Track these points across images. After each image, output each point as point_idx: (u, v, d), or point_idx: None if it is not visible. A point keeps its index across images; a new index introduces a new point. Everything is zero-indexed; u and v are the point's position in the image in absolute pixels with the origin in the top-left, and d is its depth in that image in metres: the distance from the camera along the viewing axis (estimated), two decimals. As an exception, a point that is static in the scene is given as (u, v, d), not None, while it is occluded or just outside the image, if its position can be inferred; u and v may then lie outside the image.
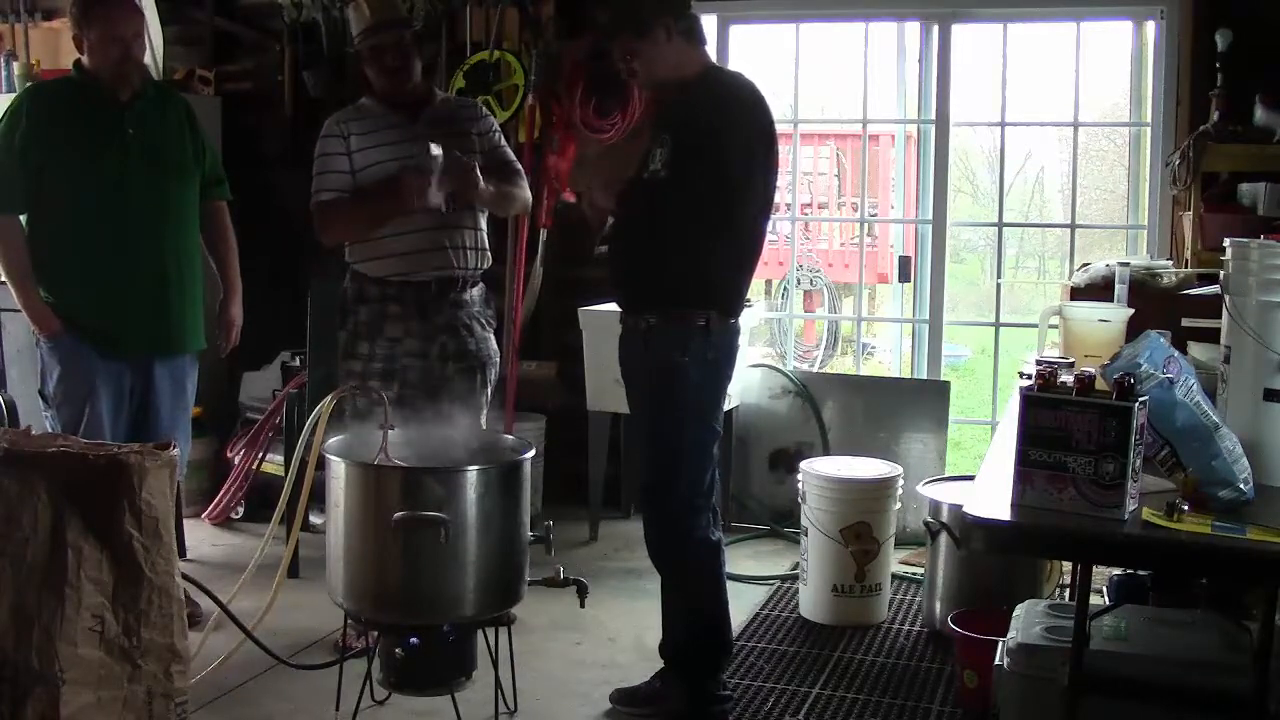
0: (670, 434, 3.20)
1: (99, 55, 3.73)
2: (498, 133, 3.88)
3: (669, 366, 3.16)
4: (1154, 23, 4.98)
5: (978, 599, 3.72)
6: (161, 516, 2.63)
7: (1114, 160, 10.86)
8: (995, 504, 2.10)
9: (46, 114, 3.76)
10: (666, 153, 3.12)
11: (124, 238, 3.76)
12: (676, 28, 3.17)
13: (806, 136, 8.98)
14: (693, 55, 3.23)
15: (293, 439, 4.19)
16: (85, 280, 3.78)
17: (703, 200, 3.08)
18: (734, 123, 3.13)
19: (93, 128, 3.75)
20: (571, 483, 5.18)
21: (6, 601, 2.53)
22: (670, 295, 3.17)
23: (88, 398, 3.75)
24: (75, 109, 3.76)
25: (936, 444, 5.07)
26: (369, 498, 2.94)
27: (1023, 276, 13.06)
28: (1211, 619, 2.64)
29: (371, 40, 3.67)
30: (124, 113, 3.78)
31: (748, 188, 3.15)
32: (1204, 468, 2.11)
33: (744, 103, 3.20)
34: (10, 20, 5.70)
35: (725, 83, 3.26)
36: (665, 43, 3.17)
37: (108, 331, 3.78)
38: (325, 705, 3.25)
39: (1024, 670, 2.55)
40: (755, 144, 3.18)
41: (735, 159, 3.11)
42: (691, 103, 3.18)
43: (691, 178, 3.07)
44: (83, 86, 3.80)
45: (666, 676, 3.38)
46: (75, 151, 3.73)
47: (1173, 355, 2.15)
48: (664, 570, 3.33)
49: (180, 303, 3.89)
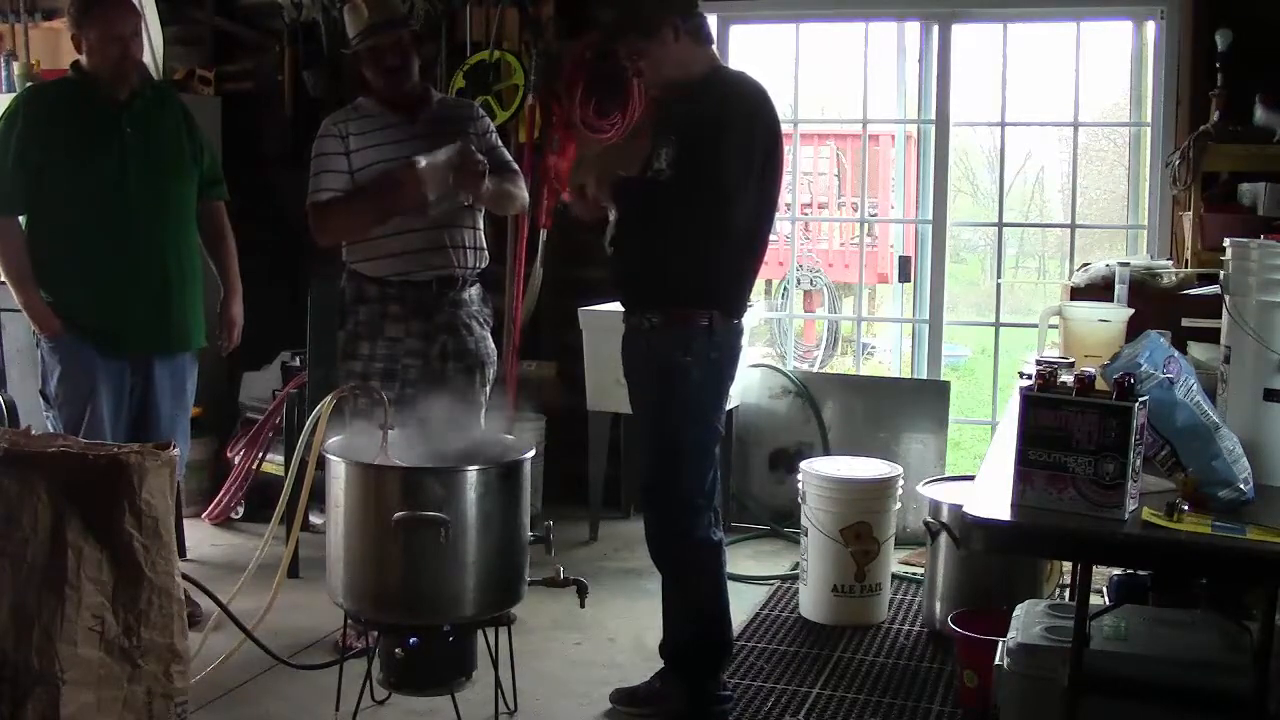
0: (672, 434, 3.20)
1: (97, 55, 3.73)
2: (494, 133, 3.88)
3: (671, 366, 3.16)
4: (1154, 23, 4.98)
5: (978, 599, 3.72)
6: (161, 516, 2.63)
7: (1114, 160, 10.86)
8: (995, 504, 2.10)
9: (45, 114, 3.76)
10: (672, 153, 3.12)
11: (123, 237, 3.76)
12: (684, 27, 3.17)
13: (806, 136, 8.98)
14: (700, 55, 3.22)
15: (293, 439, 4.19)
16: (85, 280, 3.78)
17: (707, 201, 3.07)
18: (740, 124, 3.13)
19: (91, 128, 3.75)
20: (571, 483, 5.18)
21: (6, 601, 2.53)
22: (673, 295, 3.17)
23: (88, 397, 3.75)
24: (73, 109, 3.77)
25: (936, 444, 5.06)
26: (369, 498, 2.94)
27: (1023, 276, 13.06)
28: (1211, 619, 2.63)
29: (370, 41, 3.67)
30: (122, 112, 3.78)
31: (753, 189, 3.14)
32: (1204, 468, 2.11)
33: (751, 104, 3.19)
34: (10, 20, 5.69)
35: (732, 83, 3.25)
36: (673, 43, 3.16)
37: (108, 331, 3.78)
38: (325, 705, 3.25)
39: (1024, 670, 2.55)
40: (761, 145, 3.17)
41: (740, 160, 3.10)
42: (698, 103, 3.17)
43: (696, 178, 3.07)
44: (81, 87, 3.80)
45: (666, 676, 3.38)
46: (73, 151, 3.73)
47: (1173, 355, 2.15)
48: (665, 570, 3.33)
49: (180, 302, 3.89)
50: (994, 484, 2.22)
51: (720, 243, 3.15)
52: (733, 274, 3.24)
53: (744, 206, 3.13)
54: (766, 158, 3.20)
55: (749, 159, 3.13)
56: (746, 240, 3.24)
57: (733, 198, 3.09)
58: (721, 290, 3.21)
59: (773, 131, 3.23)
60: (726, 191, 3.07)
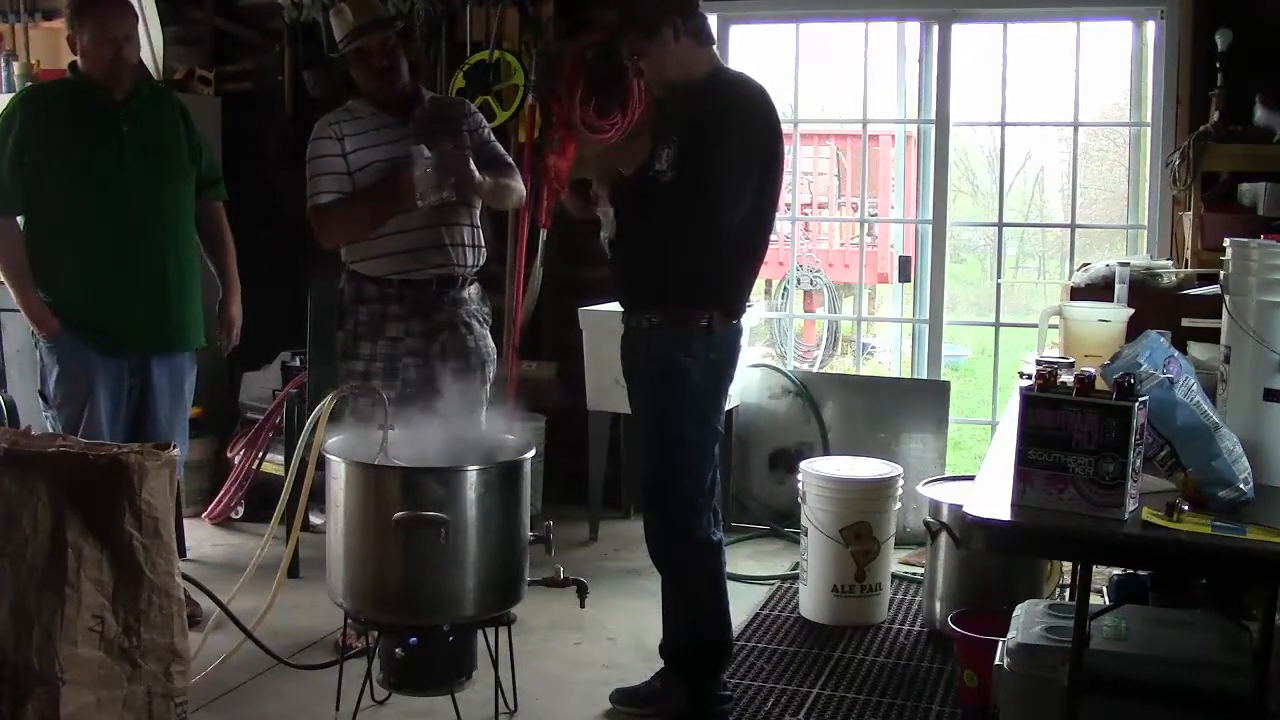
0: (672, 434, 3.20)
1: (92, 56, 3.74)
2: (487, 128, 3.88)
3: (671, 367, 3.16)
4: (1154, 23, 4.98)
5: (978, 599, 3.72)
6: (161, 516, 2.63)
7: (1114, 160, 10.86)
8: (995, 504, 2.10)
9: (43, 115, 3.76)
10: (673, 154, 3.12)
11: (121, 237, 3.76)
12: (684, 28, 3.16)
13: (806, 136, 8.98)
14: (701, 56, 3.22)
15: (293, 439, 4.19)
16: (83, 280, 3.78)
17: (706, 202, 3.07)
18: (741, 125, 3.13)
19: (88, 128, 3.76)
20: (571, 483, 5.18)
21: (6, 601, 2.53)
22: (673, 295, 3.17)
23: (87, 397, 3.75)
24: (70, 110, 3.77)
25: (936, 444, 5.06)
26: (369, 498, 2.94)
27: (1023, 276, 13.06)
28: (1211, 619, 2.63)
29: (357, 42, 3.67)
30: (119, 112, 3.78)
31: (752, 190, 3.14)
32: (1204, 468, 2.11)
33: (752, 105, 3.20)
34: (10, 20, 5.70)
35: (733, 84, 3.25)
36: (673, 43, 3.16)
37: (106, 330, 3.78)
38: (325, 705, 3.25)
39: (1024, 670, 2.55)
40: (761, 147, 3.18)
41: (740, 163, 3.10)
42: (699, 104, 3.17)
43: (697, 179, 3.07)
44: (77, 87, 3.81)
45: (666, 676, 3.38)
46: (71, 152, 3.73)
47: (1173, 355, 2.15)
48: (665, 570, 3.33)
49: (178, 301, 3.89)
50: (994, 484, 2.22)
51: (720, 244, 3.14)
52: (732, 274, 3.24)
53: (743, 208, 3.13)
54: (768, 159, 3.20)
55: (748, 161, 3.13)
56: (746, 241, 3.24)
57: (732, 200, 3.09)
58: (721, 291, 3.21)
59: (773, 133, 3.23)
60: (726, 194, 3.08)
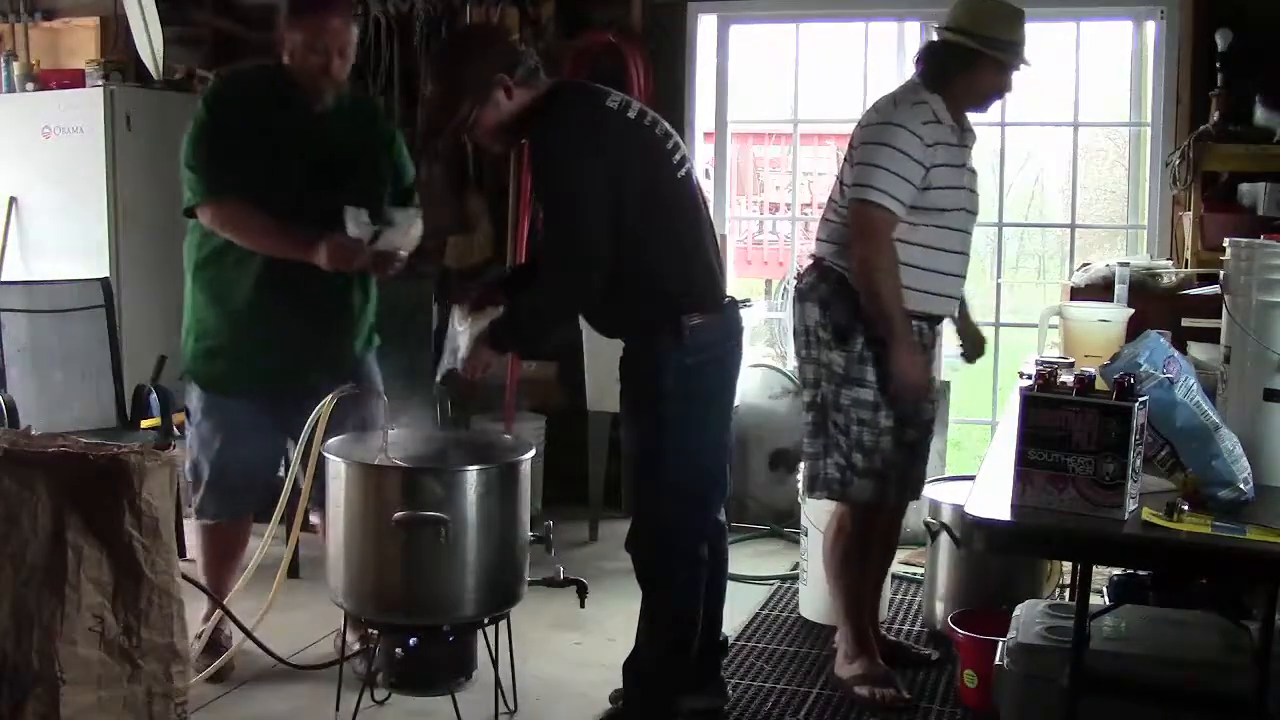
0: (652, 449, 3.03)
1: (298, 61, 3.39)
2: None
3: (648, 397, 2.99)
4: (1154, 23, 4.98)
5: (978, 599, 3.72)
6: (161, 516, 2.63)
7: (1114, 160, 10.84)
8: (995, 504, 2.10)
9: (238, 109, 3.46)
10: (541, 211, 2.97)
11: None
12: (513, 80, 2.90)
13: (806, 136, 8.94)
14: (536, 97, 2.95)
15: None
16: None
17: (577, 248, 2.86)
18: (567, 162, 2.86)
19: (283, 131, 3.43)
20: (571, 483, 5.18)
21: (6, 601, 2.54)
22: (629, 328, 3.04)
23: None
24: (268, 105, 3.45)
25: (936, 444, 5.03)
26: (369, 498, 2.94)
27: (1023, 276, 13.05)
28: (1211, 619, 2.63)
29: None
30: (313, 128, 3.45)
31: (634, 197, 2.88)
32: (1204, 468, 2.11)
33: (577, 129, 2.90)
34: (10, 20, 5.70)
35: (554, 115, 2.94)
36: (506, 101, 2.91)
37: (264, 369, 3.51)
38: (325, 705, 3.25)
39: (1024, 670, 2.55)
40: (615, 159, 2.88)
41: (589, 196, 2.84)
42: (535, 153, 2.98)
43: (552, 231, 2.90)
44: (277, 84, 3.45)
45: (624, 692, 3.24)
46: (265, 152, 3.39)
47: (1173, 355, 2.15)
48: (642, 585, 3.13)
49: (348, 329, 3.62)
50: (994, 484, 2.22)
51: (639, 268, 2.91)
52: (681, 275, 2.98)
53: (630, 214, 2.86)
54: (643, 155, 2.95)
55: (598, 187, 2.84)
56: (676, 238, 2.98)
57: (598, 238, 2.84)
58: (673, 301, 2.96)
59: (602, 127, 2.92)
60: (588, 225, 2.83)
